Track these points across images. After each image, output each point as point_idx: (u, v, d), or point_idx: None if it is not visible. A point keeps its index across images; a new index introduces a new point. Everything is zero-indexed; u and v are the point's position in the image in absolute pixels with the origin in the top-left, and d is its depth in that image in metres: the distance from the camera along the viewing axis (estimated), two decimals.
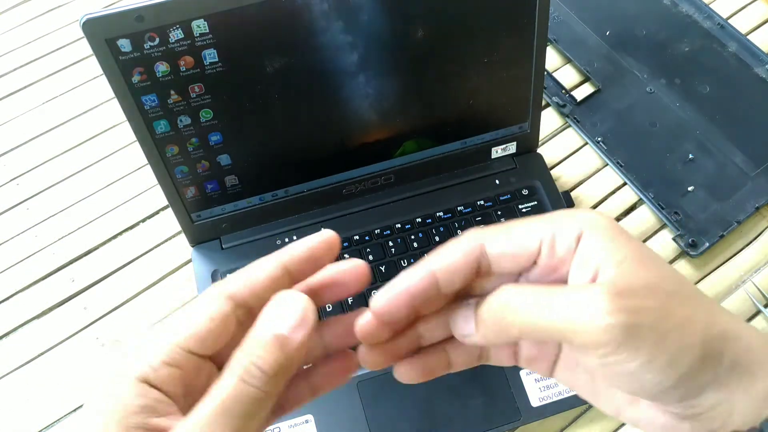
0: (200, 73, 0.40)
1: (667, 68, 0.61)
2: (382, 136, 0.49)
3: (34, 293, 0.54)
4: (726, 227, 0.53)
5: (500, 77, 0.48)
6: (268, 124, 0.45)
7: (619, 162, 0.57)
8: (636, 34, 0.64)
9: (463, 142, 0.52)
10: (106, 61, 0.38)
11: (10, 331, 0.52)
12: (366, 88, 0.45)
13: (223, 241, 0.51)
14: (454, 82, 0.47)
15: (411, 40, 0.44)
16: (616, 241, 0.23)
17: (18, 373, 0.51)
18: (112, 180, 0.59)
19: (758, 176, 0.55)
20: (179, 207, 0.48)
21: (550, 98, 0.61)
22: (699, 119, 0.58)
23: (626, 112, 0.60)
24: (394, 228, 0.52)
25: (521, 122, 0.52)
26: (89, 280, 0.54)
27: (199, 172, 0.46)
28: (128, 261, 0.55)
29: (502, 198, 0.53)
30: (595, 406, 0.27)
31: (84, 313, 0.53)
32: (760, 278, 0.53)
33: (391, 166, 0.51)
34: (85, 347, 0.51)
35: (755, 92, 0.60)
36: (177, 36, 0.38)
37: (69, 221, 0.57)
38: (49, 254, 0.55)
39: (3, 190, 0.59)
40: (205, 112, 0.43)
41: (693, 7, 0.64)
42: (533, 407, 0.45)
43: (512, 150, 0.54)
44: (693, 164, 0.56)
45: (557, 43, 0.64)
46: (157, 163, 0.44)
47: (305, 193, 0.51)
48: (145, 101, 0.41)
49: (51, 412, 0.49)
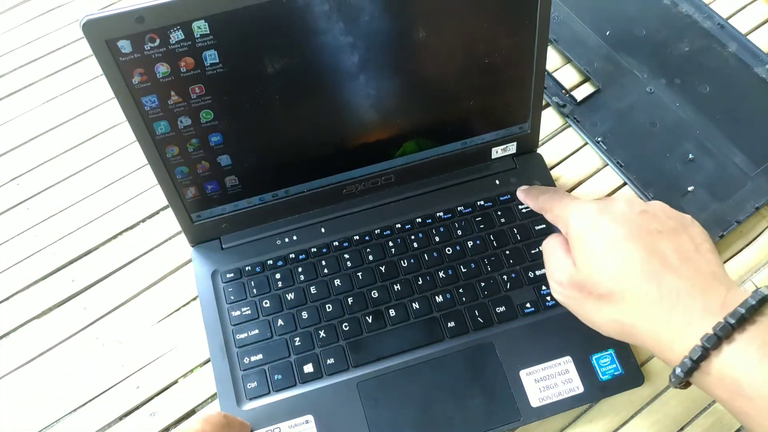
0: (201, 74, 0.40)
1: (667, 68, 0.61)
2: (383, 137, 0.49)
3: (34, 293, 0.54)
4: (726, 227, 0.53)
5: (501, 78, 0.48)
6: (269, 124, 0.45)
7: (619, 162, 0.57)
8: (636, 34, 0.64)
9: (464, 142, 0.52)
10: (106, 61, 0.38)
11: (10, 331, 0.52)
12: (366, 89, 0.45)
13: (223, 241, 0.51)
14: (454, 82, 0.47)
15: (412, 41, 0.44)
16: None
17: (18, 373, 0.51)
18: (112, 180, 0.59)
19: (758, 176, 0.55)
20: (179, 207, 0.48)
21: (550, 98, 0.61)
22: (699, 119, 0.58)
23: (626, 112, 0.60)
24: (394, 228, 0.52)
25: (521, 122, 0.52)
26: (89, 280, 0.54)
27: (200, 172, 0.46)
28: (128, 261, 0.55)
29: (502, 198, 0.53)
30: None
31: (84, 313, 0.53)
32: (760, 278, 0.53)
33: (392, 166, 0.51)
34: (85, 347, 0.51)
35: (755, 92, 0.60)
36: (177, 37, 0.38)
37: (69, 221, 0.57)
38: (49, 254, 0.55)
39: (3, 190, 0.59)
40: (205, 113, 0.43)
41: (693, 7, 0.64)
42: (533, 407, 0.45)
43: (512, 150, 0.54)
44: (693, 164, 0.56)
45: (557, 43, 0.64)
46: (157, 163, 0.44)
47: (305, 193, 0.51)
48: (146, 102, 0.41)
49: (51, 412, 0.49)
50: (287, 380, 0.46)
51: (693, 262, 0.35)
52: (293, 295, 0.49)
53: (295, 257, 0.51)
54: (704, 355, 0.32)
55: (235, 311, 0.49)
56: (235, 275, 0.50)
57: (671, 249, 0.35)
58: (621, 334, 0.36)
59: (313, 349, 0.47)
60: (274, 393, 0.46)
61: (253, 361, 0.47)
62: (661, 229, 0.36)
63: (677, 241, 0.36)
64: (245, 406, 0.46)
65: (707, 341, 0.31)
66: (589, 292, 0.36)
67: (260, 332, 0.48)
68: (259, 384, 0.46)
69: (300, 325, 0.48)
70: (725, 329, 0.31)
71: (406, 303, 0.49)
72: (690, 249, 0.36)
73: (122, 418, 0.49)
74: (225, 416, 0.42)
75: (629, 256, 0.35)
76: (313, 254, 0.51)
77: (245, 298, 0.49)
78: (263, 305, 0.49)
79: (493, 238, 0.51)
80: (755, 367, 0.31)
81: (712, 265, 0.35)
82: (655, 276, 0.34)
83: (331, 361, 0.47)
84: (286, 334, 0.48)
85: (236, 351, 0.48)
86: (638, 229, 0.36)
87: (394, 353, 0.47)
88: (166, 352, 0.51)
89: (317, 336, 0.48)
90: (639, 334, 0.35)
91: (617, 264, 0.35)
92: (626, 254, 0.35)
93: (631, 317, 0.35)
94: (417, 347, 0.47)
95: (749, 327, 0.31)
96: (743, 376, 0.31)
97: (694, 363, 0.32)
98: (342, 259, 0.51)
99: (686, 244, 0.36)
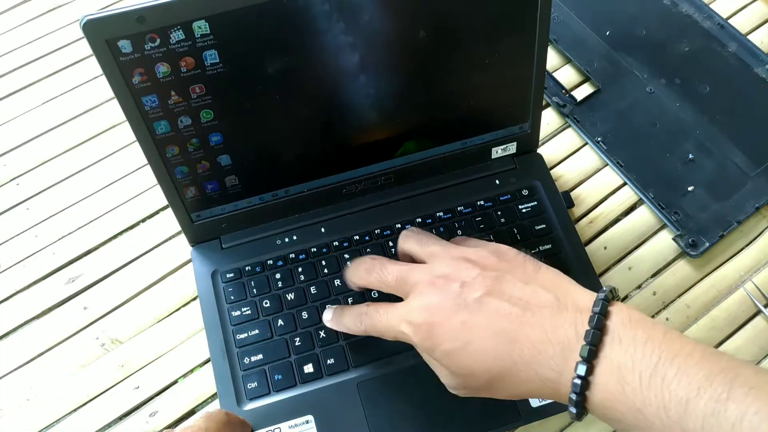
0: (201, 74, 0.40)
1: (667, 68, 0.61)
2: (383, 137, 0.49)
3: (34, 293, 0.54)
4: (726, 227, 0.54)
5: (501, 78, 0.48)
6: (269, 124, 0.45)
7: (619, 162, 0.57)
8: (636, 34, 0.64)
9: (464, 142, 0.52)
10: (106, 61, 0.38)
11: (10, 331, 0.52)
12: (367, 89, 0.45)
13: (223, 241, 0.51)
14: (454, 82, 0.47)
15: (412, 41, 0.44)
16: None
17: (18, 373, 0.51)
18: (112, 180, 0.59)
19: (758, 176, 0.55)
20: (179, 207, 0.48)
21: (550, 98, 0.61)
22: (699, 119, 0.58)
23: (626, 112, 0.60)
24: (394, 228, 0.52)
25: (521, 122, 0.52)
26: (89, 280, 0.54)
27: (200, 172, 0.46)
28: (128, 261, 0.55)
29: (502, 198, 0.53)
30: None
31: (84, 313, 0.53)
32: (760, 278, 0.53)
33: (392, 166, 0.51)
34: (85, 347, 0.51)
35: (755, 92, 0.60)
36: (178, 37, 0.38)
37: (69, 221, 0.57)
38: (49, 254, 0.55)
39: (3, 190, 0.59)
40: (205, 113, 0.43)
41: (693, 7, 0.64)
42: (533, 407, 0.45)
43: (512, 150, 0.54)
44: (693, 164, 0.56)
45: (557, 43, 0.64)
46: (157, 163, 0.44)
47: (305, 193, 0.51)
48: (146, 102, 0.41)
49: (51, 412, 0.49)
50: (287, 380, 0.46)
51: (532, 300, 0.35)
52: (293, 295, 0.49)
53: (295, 257, 0.51)
54: (584, 385, 0.32)
55: (235, 311, 0.49)
56: (235, 275, 0.50)
57: (506, 304, 0.35)
58: (519, 397, 0.38)
59: (314, 349, 0.47)
60: (274, 393, 0.46)
61: (253, 361, 0.47)
62: (485, 289, 0.36)
63: (507, 289, 0.36)
64: (245, 406, 0.46)
65: (578, 376, 0.32)
66: (476, 388, 0.37)
67: (260, 332, 0.48)
68: (260, 384, 0.46)
69: (300, 325, 0.48)
70: (591, 354, 0.32)
71: None
72: (521, 288, 0.36)
73: (122, 418, 0.49)
74: (227, 414, 0.42)
75: (480, 344, 0.35)
76: (313, 254, 0.51)
77: (245, 298, 0.49)
78: (263, 305, 0.49)
79: (493, 238, 0.51)
80: (636, 361, 0.31)
81: (550, 288, 0.35)
82: (511, 344, 0.34)
83: (331, 361, 0.47)
84: (286, 334, 0.48)
85: (236, 351, 0.48)
86: (468, 310, 0.35)
87: (395, 353, 0.47)
88: (166, 352, 0.51)
89: (317, 336, 0.48)
90: (530, 394, 0.35)
91: (478, 357, 0.35)
92: (477, 344, 0.35)
93: (517, 389, 0.35)
94: None
95: (605, 338, 0.32)
96: (623, 387, 0.31)
97: (580, 389, 0.32)
98: (342, 259, 0.51)
99: (516, 286, 0.36)
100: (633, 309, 0.33)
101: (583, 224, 0.56)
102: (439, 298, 0.36)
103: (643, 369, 0.30)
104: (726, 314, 0.52)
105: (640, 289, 0.53)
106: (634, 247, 0.55)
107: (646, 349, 0.31)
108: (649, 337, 0.31)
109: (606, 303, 0.33)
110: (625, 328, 0.32)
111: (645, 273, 0.53)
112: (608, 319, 0.32)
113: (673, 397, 0.29)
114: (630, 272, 0.53)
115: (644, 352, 0.31)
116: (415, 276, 0.39)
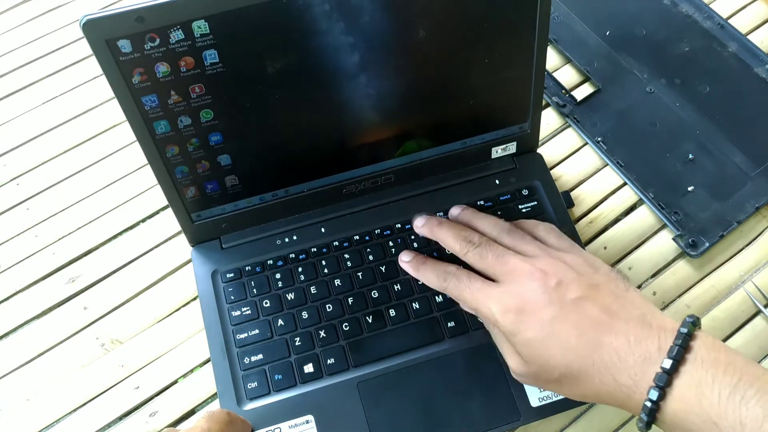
0: (201, 74, 0.40)
1: (667, 68, 0.61)
2: (383, 137, 0.49)
3: (34, 293, 0.54)
4: (726, 227, 0.54)
5: (501, 78, 0.48)
6: (269, 124, 0.45)
7: (619, 162, 0.57)
8: (636, 34, 0.64)
9: (463, 142, 0.52)
10: (106, 61, 0.38)
11: (10, 331, 0.52)
12: (366, 89, 0.45)
13: (223, 241, 0.51)
14: (454, 82, 0.47)
15: (412, 41, 0.44)
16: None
17: (18, 373, 0.51)
18: (112, 180, 0.59)
19: (758, 176, 0.55)
20: (179, 207, 0.48)
21: (550, 98, 0.61)
22: (699, 119, 0.58)
23: (626, 112, 0.60)
24: (394, 228, 0.52)
25: (521, 122, 0.52)
26: (89, 280, 0.54)
27: (199, 172, 0.46)
28: (128, 261, 0.55)
29: (502, 198, 0.53)
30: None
31: (84, 313, 0.53)
32: (760, 278, 0.53)
33: (392, 166, 0.51)
34: (85, 347, 0.51)
35: (755, 92, 0.60)
36: (177, 36, 0.38)
37: (69, 221, 0.57)
38: (49, 254, 0.55)
39: (3, 190, 0.59)
40: (205, 113, 0.43)
41: (693, 7, 0.64)
42: (533, 407, 0.45)
43: (512, 150, 0.54)
44: (693, 164, 0.56)
45: (557, 43, 0.64)
46: (157, 163, 0.44)
47: (305, 193, 0.51)
48: (146, 102, 0.41)
49: (51, 412, 0.49)
50: (287, 380, 0.46)
51: (620, 312, 0.37)
52: (293, 295, 0.49)
53: (295, 257, 0.51)
54: (661, 395, 0.33)
55: (235, 311, 0.49)
56: (235, 275, 0.50)
57: (597, 309, 0.37)
58: (583, 398, 0.38)
59: (314, 349, 0.47)
60: (274, 393, 0.46)
61: (253, 361, 0.47)
62: (580, 293, 0.38)
63: (600, 297, 0.38)
64: (245, 406, 0.46)
65: (657, 385, 0.33)
66: (545, 380, 0.39)
67: (260, 332, 0.48)
68: (260, 384, 0.46)
69: (300, 325, 0.48)
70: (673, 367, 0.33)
71: (406, 303, 0.49)
72: (612, 300, 0.37)
73: (122, 418, 0.49)
74: (228, 413, 0.42)
75: (565, 340, 0.37)
76: (313, 254, 0.51)
77: (245, 298, 0.49)
78: (263, 305, 0.49)
79: None
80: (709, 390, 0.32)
81: (638, 307, 0.37)
82: (594, 346, 0.36)
83: (331, 361, 0.47)
84: (286, 334, 0.48)
85: (236, 351, 0.48)
86: (560, 306, 0.38)
87: (395, 353, 0.47)
88: (166, 352, 0.51)
89: (317, 336, 0.48)
90: (598, 397, 0.37)
91: (558, 351, 0.37)
92: (561, 338, 0.37)
93: (587, 389, 0.37)
94: (417, 347, 0.47)
95: (688, 356, 0.33)
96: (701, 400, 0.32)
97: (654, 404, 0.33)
98: (342, 259, 0.51)
99: (608, 296, 0.38)
100: (716, 338, 0.35)
101: (583, 224, 0.56)
102: (535, 289, 0.39)
103: (722, 387, 0.32)
104: (726, 314, 0.52)
105: (640, 289, 0.53)
106: (634, 247, 0.55)
107: (728, 370, 0.32)
108: (731, 362, 0.33)
109: (693, 325, 0.34)
110: (708, 350, 0.34)
111: (645, 273, 0.53)
112: (693, 340, 0.34)
113: (751, 413, 0.30)
114: (630, 272, 0.53)
115: (725, 372, 0.32)
116: (517, 263, 0.41)
